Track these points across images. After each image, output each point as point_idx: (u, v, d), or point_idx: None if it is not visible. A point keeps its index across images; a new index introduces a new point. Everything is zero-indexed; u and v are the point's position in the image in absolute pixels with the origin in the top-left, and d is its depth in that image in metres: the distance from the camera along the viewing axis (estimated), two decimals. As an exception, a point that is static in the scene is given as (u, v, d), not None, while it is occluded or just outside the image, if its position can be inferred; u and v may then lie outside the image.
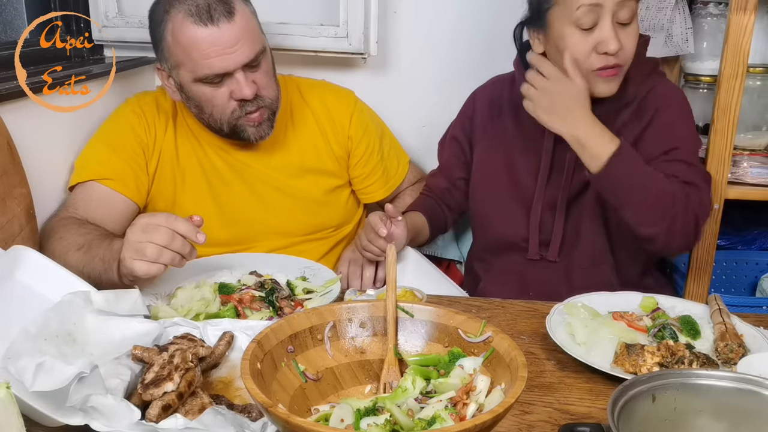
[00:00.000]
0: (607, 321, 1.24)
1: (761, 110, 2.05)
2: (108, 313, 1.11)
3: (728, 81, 1.71)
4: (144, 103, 1.66)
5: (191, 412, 0.95)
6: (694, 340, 1.21)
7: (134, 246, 1.20)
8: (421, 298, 1.27)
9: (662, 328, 1.23)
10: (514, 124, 1.65)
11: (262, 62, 1.52)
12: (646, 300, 1.33)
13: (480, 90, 1.78)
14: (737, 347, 1.15)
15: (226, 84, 1.49)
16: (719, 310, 1.26)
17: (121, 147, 1.59)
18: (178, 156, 1.64)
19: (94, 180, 1.55)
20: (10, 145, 1.35)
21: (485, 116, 1.70)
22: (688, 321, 1.24)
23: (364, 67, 2.11)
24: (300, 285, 1.40)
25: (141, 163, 1.60)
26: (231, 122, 1.54)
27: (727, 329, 1.19)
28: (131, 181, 1.58)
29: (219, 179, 1.65)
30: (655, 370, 1.09)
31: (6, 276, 1.12)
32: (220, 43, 1.44)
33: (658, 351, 1.12)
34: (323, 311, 0.99)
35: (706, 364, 1.11)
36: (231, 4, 1.45)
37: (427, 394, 0.92)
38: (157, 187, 1.64)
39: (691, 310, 1.30)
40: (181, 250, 1.21)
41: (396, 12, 2.10)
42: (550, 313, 1.26)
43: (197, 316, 1.26)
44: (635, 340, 1.18)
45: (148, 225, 1.21)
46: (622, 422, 0.81)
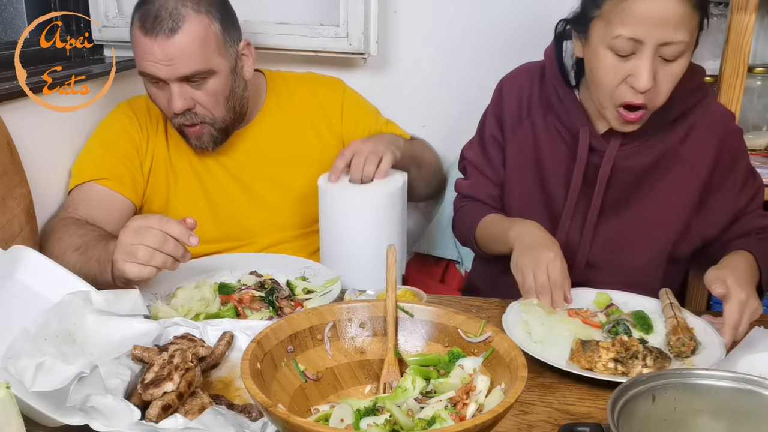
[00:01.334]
0: (562, 318, 1.26)
1: (761, 110, 2.05)
2: (108, 313, 1.11)
3: (729, 81, 1.71)
4: (135, 107, 1.68)
5: (191, 412, 0.95)
6: (647, 335, 1.25)
7: (126, 248, 1.20)
8: (421, 298, 1.27)
9: (616, 324, 1.25)
10: (543, 125, 1.52)
11: (208, 82, 1.51)
12: (600, 296, 1.36)
13: (508, 80, 1.61)
14: (689, 340, 1.17)
15: (166, 91, 1.51)
16: (670, 304, 1.29)
17: (115, 147, 1.61)
18: (169, 156, 1.66)
19: (91, 181, 1.56)
20: (10, 145, 1.35)
21: (513, 114, 1.56)
22: (641, 316, 1.27)
23: (364, 67, 2.11)
24: (300, 285, 1.40)
25: (136, 163, 1.63)
26: (174, 124, 1.57)
27: (679, 323, 1.21)
28: (128, 180, 1.60)
29: (210, 177, 1.67)
30: (610, 365, 1.11)
31: (6, 276, 1.12)
32: (154, 54, 1.45)
33: (613, 347, 1.13)
34: (323, 311, 0.99)
35: (659, 358, 1.13)
36: (178, 22, 1.44)
37: (427, 394, 0.92)
38: (152, 188, 1.65)
39: (643, 305, 1.33)
40: (173, 252, 1.21)
41: (396, 12, 2.10)
42: (506, 311, 1.27)
43: (197, 316, 1.26)
44: (590, 337, 1.21)
45: (140, 227, 1.21)
46: (622, 422, 0.81)
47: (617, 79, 1.31)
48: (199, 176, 1.66)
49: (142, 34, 1.45)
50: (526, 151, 1.53)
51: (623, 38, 1.26)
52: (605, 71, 1.31)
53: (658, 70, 1.28)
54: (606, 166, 1.43)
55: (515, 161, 1.55)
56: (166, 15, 1.44)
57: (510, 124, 1.55)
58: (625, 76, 1.30)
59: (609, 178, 1.43)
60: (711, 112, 1.46)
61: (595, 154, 1.44)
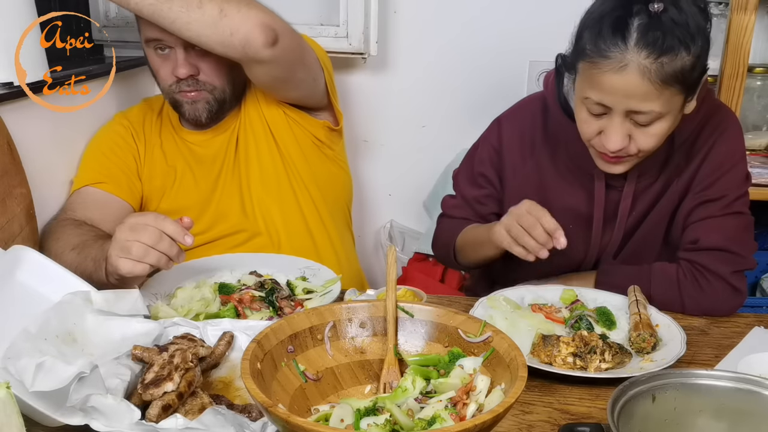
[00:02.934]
0: (525, 313, 1.28)
1: (761, 110, 2.06)
2: (108, 313, 1.11)
3: (729, 81, 1.72)
4: (130, 116, 1.71)
5: (191, 412, 0.95)
6: (610, 331, 1.26)
7: (121, 244, 1.19)
8: (421, 298, 1.27)
9: (579, 320, 1.26)
10: (550, 163, 1.47)
11: (209, 57, 1.52)
12: (566, 292, 1.37)
13: (506, 118, 1.54)
14: (649, 336, 1.18)
15: (171, 58, 1.53)
16: (636, 301, 1.29)
17: (111, 153, 1.64)
18: (165, 155, 1.68)
19: (88, 185, 1.59)
20: (10, 145, 1.35)
21: (515, 153, 1.50)
22: (603, 312, 1.29)
23: (364, 67, 2.11)
24: (300, 285, 1.40)
25: (133, 168, 1.66)
26: (170, 94, 1.59)
27: (641, 319, 1.22)
28: (124, 183, 1.63)
29: (205, 172, 1.67)
30: (569, 360, 1.12)
31: (6, 276, 1.12)
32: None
33: (573, 341, 1.14)
34: (323, 311, 0.99)
35: (618, 353, 1.14)
36: None
37: (427, 394, 0.92)
38: (150, 188, 1.67)
39: (610, 301, 1.34)
40: (168, 251, 1.20)
41: (396, 12, 2.10)
42: (474, 306, 1.28)
43: (197, 316, 1.26)
44: (552, 332, 1.22)
45: (136, 224, 1.20)
46: (622, 422, 0.81)
47: (593, 132, 1.29)
48: (192, 171, 1.67)
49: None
50: (530, 189, 1.48)
51: (592, 101, 1.25)
52: (581, 123, 1.31)
53: (633, 131, 1.26)
54: (625, 203, 1.42)
55: (517, 199, 1.48)
56: None
57: (510, 164, 1.51)
58: (599, 131, 1.28)
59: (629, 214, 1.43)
60: (725, 147, 1.40)
61: (612, 189, 1.43)
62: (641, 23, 1.18)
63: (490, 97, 1.80)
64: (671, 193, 1.42)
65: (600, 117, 1.27)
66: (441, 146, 2.09)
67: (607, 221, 1.45)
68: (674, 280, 1.36)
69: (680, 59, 1.19)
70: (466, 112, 2.13)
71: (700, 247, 1.37)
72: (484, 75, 2.14)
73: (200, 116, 1.60)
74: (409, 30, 2.12)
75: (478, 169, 1.54)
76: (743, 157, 1.42)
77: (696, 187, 1.40)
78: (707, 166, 1.39)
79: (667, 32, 1.18)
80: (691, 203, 1.40)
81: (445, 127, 2.17)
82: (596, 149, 1.32)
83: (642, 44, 1.18)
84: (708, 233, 1.37)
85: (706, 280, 1.35)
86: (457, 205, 1.59)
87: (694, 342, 1.24)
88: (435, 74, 2.15)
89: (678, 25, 1.18)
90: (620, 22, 1.19)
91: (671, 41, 1.18)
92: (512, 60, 2.11)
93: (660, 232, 1.46)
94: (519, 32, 2.09)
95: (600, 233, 1.46)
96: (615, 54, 1.19)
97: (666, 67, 1.18)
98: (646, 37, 1.18)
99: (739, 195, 1.38)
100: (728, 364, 1.15)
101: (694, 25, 1.20)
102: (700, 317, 1.35)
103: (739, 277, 1.37)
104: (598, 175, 1.41)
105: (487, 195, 1.55)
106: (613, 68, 1.19)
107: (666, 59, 1.18)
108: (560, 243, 1.27)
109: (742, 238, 1.38)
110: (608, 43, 1.20)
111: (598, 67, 1.21)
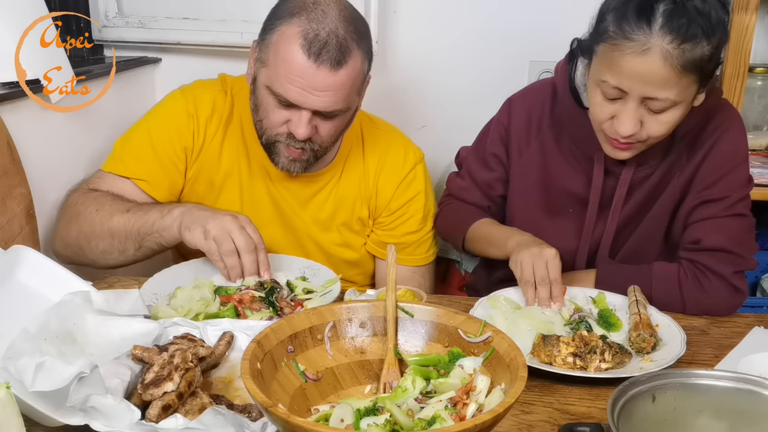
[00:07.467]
0: (525, 313, 1.28)
1: (762, 110, 2.06)
2: (108, 313, 1.11)
3: (730, 81, 1.72)
4: (200, 102, 1.57)
5: (191, 412, 0.95)
6: (611, 331, 1.27)
7: (221, 226, 1.33)
8: (421, 298, 1.27)
9: (579, 320, 1.27)
10: (554, 145, 1.50)
11: (337, 118, 1.43)
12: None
13: (517, 99, 1.58)
14: (649, 337, 1.19)
15: (291, 110, 1.40)
16: (636, 301, 1.30)
17: (162, 148, 1.54)
18: (220, 163, 1.58)
19: (129, 178, 1.53)
20: (10, 145, 1.35)
21: (521, 134, 1.53)
22: (604, 315, 1.30)
23: (365, 67, 2.11)
24: (300, 285, 1.40)
25: (180, 167, 1.56)
26: (271, 139, 1.46)
27: (641, 319, 1.23)
28: (165, 185, 1.55)
29: (253, 201, 1.59)
30: (569, 360, 1.12)
31: (6, 276, 1.12)
32: (309, 80, 1.35)
33: (573, 341, 1.14)
34: (323, 311, 0.99)
35: (618, 353, 1.14)
36: (346, 57, 1.35)
37: (427, 394, 0.92)
38: (191, 189, 1.59)
39: (611, 301, 1.34)
40: (246, 268, 1.35)
41: (396, 12, 2.10)
42: (474, 306, 1.28)
43: (197, 316, 1.26)
44: (552, 332, 1.22)
45: (243, 228, 1.35)
46: (622, 422, 0.81)
47: (605, 116, 1.31)
48: (242, 193, 1.59)
49: (304, 56, 1.33)
50: (532, 170, 1.51)
51: (609, 84, 1.26)
52: (594, 106, 1.32)
53: (646, 117, 1.27)
54: (621, 190, 1.43)
55: (520, 180, 1.54)
56: (336, 44, 1.34)
57: (516, 144, 1.54)
58: (611, 116, 1.30)
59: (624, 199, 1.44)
60: (728, 146, 1.41)
61: (611, 176, 1.44)
62: (666, 9, 1.20)
63: (490, 97, 1.80)
64: (672, 189, 1.43)
65: (614, 101, 1.28)
66: (441, 146, 2.08)
67: (603, 208, 1.47)
68: (675, 279, 1.37)
69: (701, 48, 1.21)
70: (466, 112, 2.13)
71: (702, 248, 1.37)
72: (484, 75, 2.13)
73: (293, 172, 1.49)
74: (409, 30, 2.12)
75: (490, 150, 1.57)
76: (746, 158, 1.43)
77: (698, 185, 1.40)
78: (709, 163, 1.40)
79: (692, 20, 1.20)
80: (692, 202, 1.41)
81: (445, 127, 2.17)
82: (606, 134, 1.33)
83: (666, 29, 1.19)
84: (710, 234, 1.37)
85: (708, 279, 1.35)
86: (467, 187, 1.61)
87: (694, 342, 1.24)
88: (435, 74, 2.15)
89: (701, 15, 1.20)
90: (646, 5, 1.21)
91: (695, 29, 1.20)
92: (512, 60, 2.11)
93: (661, 229, 1.46)
94: (519, 32, 2.09)
95: (594, 219, 1.47)
96: (639, 37, 1.20)
97: (687, 54, 1.20)
98: (671, 22, 1.19)
99: (742, 197, 1.39)
100: (728, 364, 1.15)
101: (715, 17, 1.22)
102: (701, 317, 1.35)
103: (740, 277, 1.38)
104: (597, 159, 1.43)
105: (497, 178, 1.58)
106: (636, 51, 1.21)
107: (688, 46, 1.20)
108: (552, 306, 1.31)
109: (744, 239, 1.39)
110: (633, 25, 1.21)
111: (620, 50, 1.22)
